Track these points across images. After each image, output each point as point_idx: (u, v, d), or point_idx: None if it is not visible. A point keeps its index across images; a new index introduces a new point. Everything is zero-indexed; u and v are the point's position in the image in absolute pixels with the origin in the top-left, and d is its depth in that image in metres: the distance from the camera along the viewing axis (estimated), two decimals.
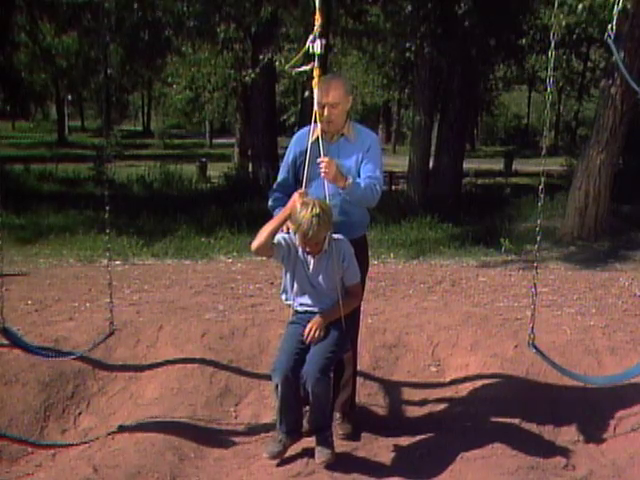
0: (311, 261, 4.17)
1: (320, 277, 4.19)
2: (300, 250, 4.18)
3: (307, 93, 16.57)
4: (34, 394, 5.05)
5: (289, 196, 4.24)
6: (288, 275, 4.30)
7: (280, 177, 4.53)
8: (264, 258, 9.67)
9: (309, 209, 3.95)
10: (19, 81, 34.26)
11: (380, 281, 8.20)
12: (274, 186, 4.54)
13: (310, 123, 4.32)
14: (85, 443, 4.62)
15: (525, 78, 37.60)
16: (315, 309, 4.24)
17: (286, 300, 4.40)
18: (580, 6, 9.73)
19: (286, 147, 4.62)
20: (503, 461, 4.16)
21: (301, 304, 4.30)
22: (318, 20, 4.22)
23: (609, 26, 4.23)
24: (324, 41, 4.30)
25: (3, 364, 5.22)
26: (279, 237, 4.15)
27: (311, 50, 4.27)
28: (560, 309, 7.10)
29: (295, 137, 4.53)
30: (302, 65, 4.37)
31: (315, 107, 4.24)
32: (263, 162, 17.39)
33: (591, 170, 11.52)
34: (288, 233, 4.21)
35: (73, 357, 5.22)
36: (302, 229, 3.97)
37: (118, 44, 19.22)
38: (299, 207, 4.00)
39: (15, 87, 33.70)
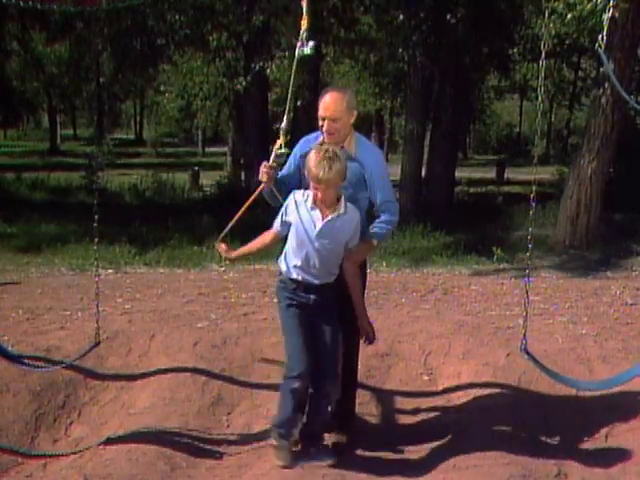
0: (318, 221, 4.02)
1: (326, 241, 4.04)
2: (309, 207, 4.04)
3: (300, 102, 16.60)
4: (25, 404, 5.02)
5: (287, 192, 4.25)
6: (292, 234, 4.11)
7: (283, 171, 4.50)
8: (256, 266, 9.68)
9: (321, 153, 3.91)
10: (11, 89, 34.23)
11: (372, 289, 8.19)
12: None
13: (299, 130, 4.35)
14: (76, 453, 4.59)
15: (517, 87, 37.78)
16: (311, 279, 4.10)
17: (283, 263, 4.20)
18: (569, 15, 9.78)
19: None
20: (495, 470, 4.15)
21: (296, 267, 4.11)
22: (305, 25, 4.25)
23: (599, 36, 4.25)
24: (313, 42, 4.33)
25: None
26: (289, 199, 4.12)
27: (301, 54, 4.31)
28: (552, 317, 7.12)
29: (302, 140, 4.50)
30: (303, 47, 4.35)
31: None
32: (255, 171, 17.31)
33: (582, 179, 11.57)
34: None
35: (61, 367, 5.19)
36: (313, 172, 3.91)
37: (110, 52, 19.21)
38: (313, 152, 3.98)
39: (7, 95, 33.68)
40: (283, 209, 4.15)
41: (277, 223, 4.19)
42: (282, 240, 4.24)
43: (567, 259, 11.15)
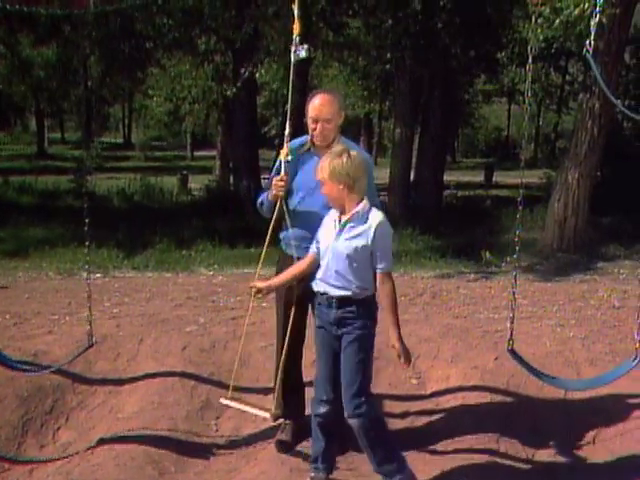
0: (338, 226, 3.86)
1: (345, 244, 3.82)
2: (336, 219, 3.88)
3: (288, 106, 16.57)
4: (12, 409, 4.98)
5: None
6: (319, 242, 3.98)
7: (273, 173, 4.45)
8: (244, 270, 9.67)
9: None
10: None
11: None
12: (264, 186, 4.47)
13: (292, 133, 4.35)
14: (64, 458, 4.56)
15: (505, 91, 37.96)
16: (329, 290, 3.90)
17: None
18: (557, 20, 9.82)
19: (267, 159, 4.60)
20: (484, 473, 4.16)
21: (317, 277, 3.93)
22: (297, 29, 4.27)
23: (587, 41, 4.26)
24: (307, 45, 4.35)
25: None
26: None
27: (298, 58, 4.33)
28: (540, 321, 7.14)
29: (289, 143, 4.43)
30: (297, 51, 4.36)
31: (308, 120, 4.25)
32: (244, 174, 17.34)
33: (570, 182, 11.63)
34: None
35: (52, 370, 5.16)
36: None
37: (98, 56, 19.17)
38: None
39: None
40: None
41: (312, 246, 4.04)
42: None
43: (555, 262, 11.19)
